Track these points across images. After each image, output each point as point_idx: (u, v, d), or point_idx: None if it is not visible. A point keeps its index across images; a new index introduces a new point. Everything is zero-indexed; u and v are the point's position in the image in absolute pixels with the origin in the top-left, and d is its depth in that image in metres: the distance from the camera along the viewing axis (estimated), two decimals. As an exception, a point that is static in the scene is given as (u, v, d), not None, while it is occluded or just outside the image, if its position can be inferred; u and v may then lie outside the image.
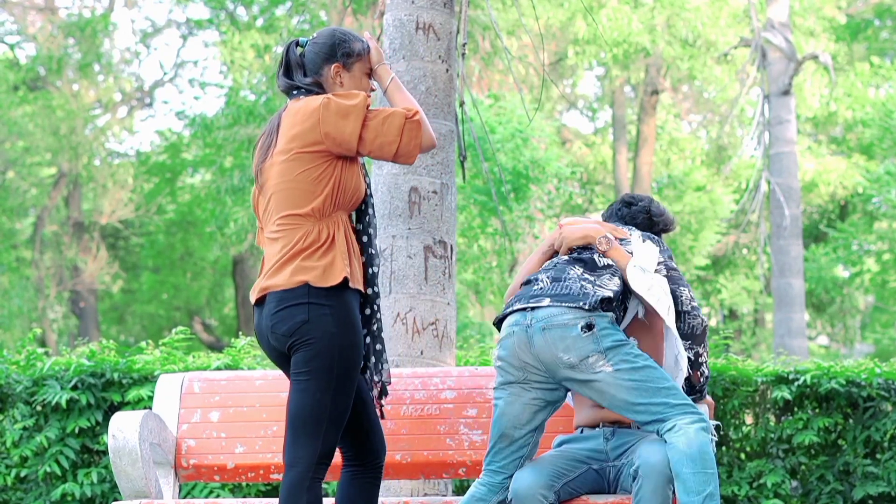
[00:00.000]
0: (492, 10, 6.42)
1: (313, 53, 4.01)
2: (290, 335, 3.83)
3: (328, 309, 3.81)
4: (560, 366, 4.09)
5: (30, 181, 23.42)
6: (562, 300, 4.14)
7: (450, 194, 5.51)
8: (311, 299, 3.80)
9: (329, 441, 3.83)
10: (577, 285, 4.18)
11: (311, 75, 4.00)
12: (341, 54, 3.99)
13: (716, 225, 23.08)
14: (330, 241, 3.87)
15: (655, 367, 4.08)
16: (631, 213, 4.60)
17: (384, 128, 3.87)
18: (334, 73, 3.99)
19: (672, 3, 18.76)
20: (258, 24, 21.99)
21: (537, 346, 4.11)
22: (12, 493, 6.59)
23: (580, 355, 4.07)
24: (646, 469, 4.04)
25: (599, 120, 26.71)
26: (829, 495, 6.51)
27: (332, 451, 3.86)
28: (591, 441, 4.39)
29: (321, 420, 3.80)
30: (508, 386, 4.18)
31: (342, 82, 3.99)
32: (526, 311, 4.16)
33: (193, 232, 24.64)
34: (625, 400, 4.05)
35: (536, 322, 4.12)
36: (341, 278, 3.82)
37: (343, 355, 3.81)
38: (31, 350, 6.73)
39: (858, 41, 23.93)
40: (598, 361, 4.05)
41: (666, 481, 4.02)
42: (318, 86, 3.99)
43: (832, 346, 25.93)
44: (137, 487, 4.46)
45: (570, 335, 4.07)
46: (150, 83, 26.33)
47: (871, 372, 6.58)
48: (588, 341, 4.06)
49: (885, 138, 20.18)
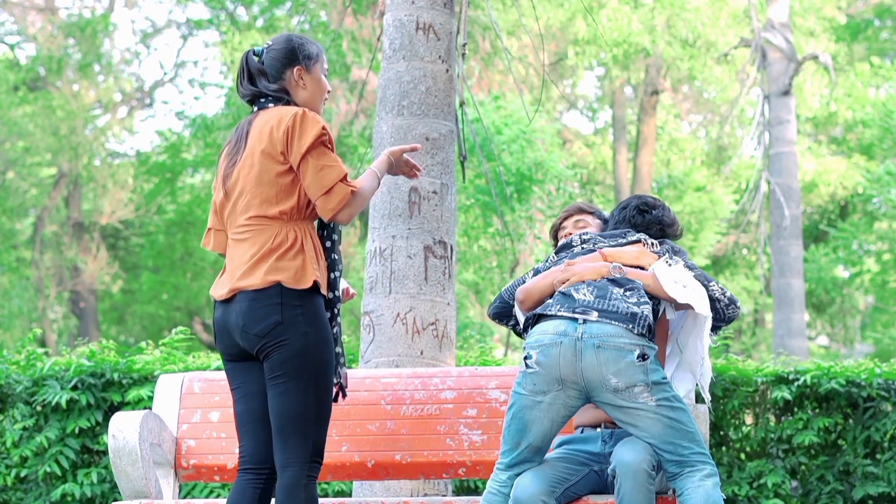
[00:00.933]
0: (492, 11, 6.42)
1: (273, 59, 4.07)
2: (263, 336, 3.86)
3: (300, 309, 3.86)
4: (604, 387, 4.03)
5: (30, 181, 23.43)
6: (612, 317, 4.07)
7: (450, 194, 5.51)
8: (283, 300, 3.85)
9: (320, 438, 3.88)
10: (624, 304, 4.11)
11: (274, 81, 4.07)
12: (302, 57, 4.06)
13: (716, 225, 23.08)
14: (300, 244, 3.93)
15: (688, 411, 4.09)
16: (645, 222, 4.53)
17: (320, 173, 3.92)
18: (297, 76, 4.05)
19: (672, 4, 18.76)
20: (258, 25, 22.00)
21: (586, 362, 4.02)
22: (12, 493, 6.59)
23: (628, 383, 4.01)
24: (623, 468, 4.05)
25: (599, 120, 26.73)
26: (829, 495, 6.51)
27: (322, 448, 3.90)
28: (590, 443, 4.38)
29: (307, 419, 3.84)
30: (540, 395, 4.07)
31: (305, 84, 4.06)
32: (575, 322, 4.07)
33: (193, 232, 24.64)
34: (658, 435, 4.04)
35: (589, 337, 4.03)
36: (312, 282, 3.88)
37: (318, 353, 3.86)
38: (31, 350, 6.73)
39: (858, 41, 23.93)
40: (643, 392, 4.02)
41: (645, 477, 4.03)
42: (284, 91, 4.06)
43: (832, 346, 25.93)
44: (137, 487, 4.46)
45: (624, 360, 4.01)
46: (150, 83, 26.35)
47: (870, 372, 6.58)
48: (639, 371, 4.01)
49: (885, 138, 20.19)
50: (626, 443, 4.12)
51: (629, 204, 4.59)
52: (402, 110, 5.50)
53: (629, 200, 4.62)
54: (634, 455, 4.05)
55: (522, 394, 4.09)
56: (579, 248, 4.45)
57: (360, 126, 17.44)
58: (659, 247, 4.41)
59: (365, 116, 17.35)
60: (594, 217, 4.81)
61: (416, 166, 4.21)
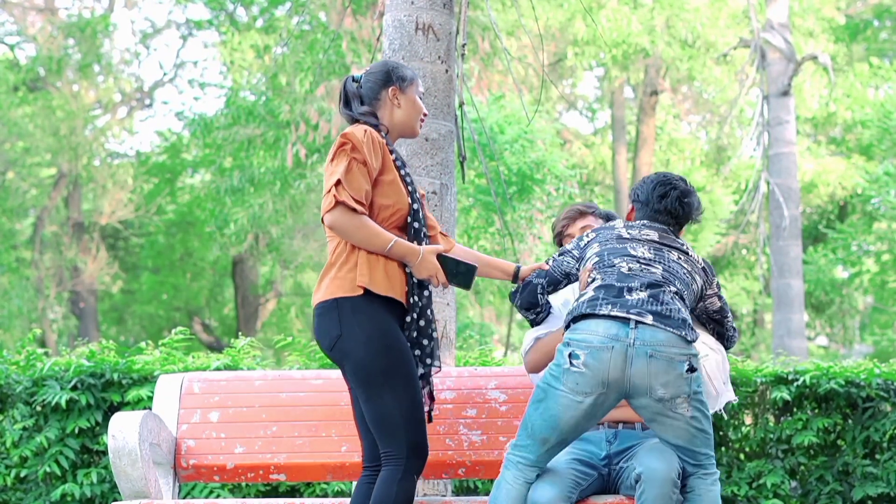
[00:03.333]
0: (491, 11, 6.42)
1: (370, 82, 4.30)
2: (330, 350, 4.08)
3: (355, 320, 4.02)
4: (648, 395, 3.97)
5: (30, 182, 23.43)
6: (666, 323, 3.98)
7: (449, 195, 5.52)
8: (340, 313, 4.03)
9: (412, 436, 4.00)
10: (676, 307, 4.05)
11: (367, 103, 4.28)
12: (396, 78, 4.29)
13: (715, 225, 23.08)
14: (355, 255, 4.09)
15: (710, 417, 4.11)
16: (686, 214, 4.40)
17: (329, 178, 4.09)
18: (392, 96, 4.28)
19: (671, 4, 18.76)
20: (258, 25, 22.00)
21: (636, 369, 3.94)
22: (12, 494, 6.60)
23: (674, 394, 3.97)
24: (649, 474, 4.01)
25: (599, 120, 26.73)
26: (828, 496, 6.51)
27: (421, 444, 4.03)
28: (593, 443, 4.36)
29: (392, 421, 4.00)
30: (581, 395, 3.97)
31: (399, 104, 4.28)
32: (628, 325, 3.96)
33: (193, 232, 24.65)
34: (685, 441, 4.06)
35: (642, 345, 3.94)
36: (361, 289, 4.03)
37: (384, 358, 4.00)
38: (30, 350, 6.73)
39: (857, 42, 23.94)
40: (683, 403, 3.99)
41: (671, 486, 4.02)
42: (373, 115, 4.26)
43: (831, 346, 25.93)
44: (137, 488, 4.46)
45: (674, 372, 3.96)
46: (150, 84, 26.35)
47: (870, 372, 6.58)
48: (685, 383, 3.98)
49: (884, 139, 20.18)
50: (652, 449, 4.11)
51: (668, 193, 4.37)
52: (401, 111, 5.51)
53: (666, 188, 4.38)
54: (662, 464, 4.03)
55: (561, 391, 3.98)
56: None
57: (360, 126, 17.40)
58: (710, 277, 4.35)
59: (365, 117, 17.31)
60: (595, 217, 4.79)
61: (444, 282, 4.19)
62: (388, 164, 4.18)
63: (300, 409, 4.82)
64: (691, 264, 4.27)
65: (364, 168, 4.08)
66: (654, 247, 4.24)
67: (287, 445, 4.75)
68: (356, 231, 4.04)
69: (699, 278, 4.28)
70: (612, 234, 4.28)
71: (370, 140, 4.12)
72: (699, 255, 4.37)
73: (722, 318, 4.41)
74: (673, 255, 4.24)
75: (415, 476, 4.02)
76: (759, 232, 16.48)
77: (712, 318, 4.41)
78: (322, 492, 6.45)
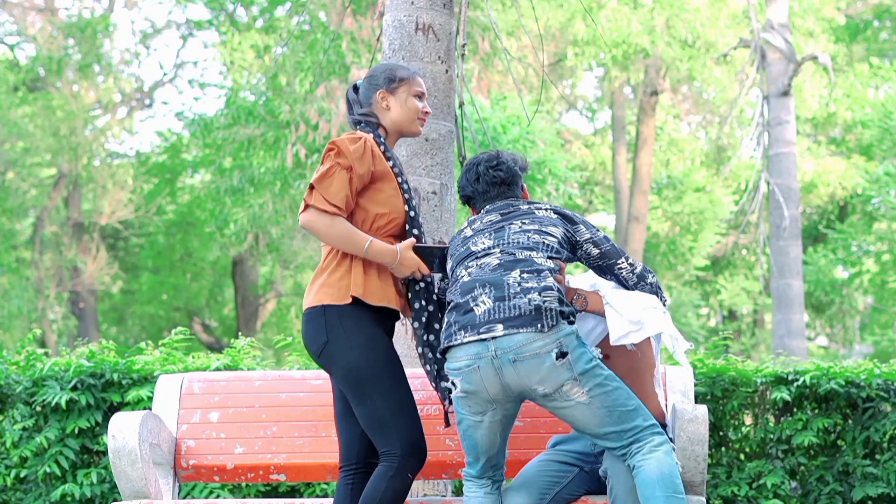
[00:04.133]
0: (491, 11, 6.42)
1: (364, 88, 4.38)
2: (318, 356, 4.13)
3: (342, 326, 4.06)
4: (533, 395, 3.96)
5: (30, 182, 23.43)
6: (518, 324, 3.92)
7: (449, 195, 5.52)
8: (327, 319, 4.07)
9: (405, 433, 4.04)
10: (524, 300, 3.95)
11: (364, 107, 4.35)
12: (384, 79, 4.33)
13: (715, 226, 23.08)
14: (347, 261, 4.13)
15: (623, 388, 3.96)
16: (507, 177, 4.33)
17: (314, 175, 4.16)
18: (380, 99, 4.33)
19: (671, 4, 18.76)
20: (258, 25, 22.01)
21: (508, 378, 3.93)
22: (12, 494, 6.60)
23: (555, 385, 3.90)
24: (614, 470, 4.05)
25: (599, 121, 26.74)
26: (828, 496, 6.51)
27: (416, 441, 4.06)
28: (580, 443, 4.38)
29: (383, 421, 4.04)
30: (478, 415, 4.03)
31: (388, 106, 4.33)
32: (486, 342, 3.93)
33: (193, 232, 24.65)
34: (598, 425, 3.95)
35: (503, 353, 3.91)
36: (350, 298, 4.07)
37: (365, 364, 4.04)
38: (30, 351, 6.73)
39: (858, 42, 23.94)
40: (572, 389, 3.90)
41: None
42: (370, 115, 4.33)
43: (831, 346, 25.94)
44: (137, 488, 4.46)
45: (543, 365, 3.89)
46: (150, 84, 26.37)
47: (870, 373, 6.58)
48: (563, 370, 3.89)
49: (884, 139, 20.18)
50: None
51: (477, 172, 4.36)
52: (401, 111, 5.51)
53: (473, 169, 4.38)
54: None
55: (463, 414, 4.06)
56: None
57: (360, 126, 17.41)
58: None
59: (365, 117, 17.32)
60: None
61: (428, 272, 4.22)
62: (384, 172, 4.21)
63: (300, 409, 4.82)
64: (538, 222, 4.18)
65: (347, 173, 4.11)
66: (496, 228, 4.20)
67: (287, 445, 4.75)
68: (328, 230, 4.08)
69: (557, 229, 4.18)
70: (459, 239, 4.29)
71: (362, 148, 4.16)
72: (560, 204, 4.31)
73: (608, 264, 4.26)
74: (515, 225, 4.18)
75: (409, 475, 4.04)
76: (759, 232, 16.48)
77: (598, 266, 4.28)
78: (322, 492, 6.45)
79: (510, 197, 4.33)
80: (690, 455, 4.25)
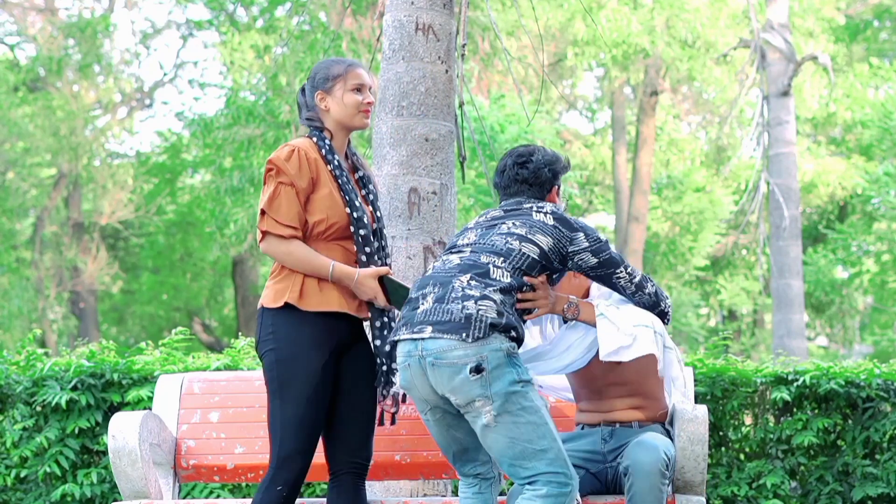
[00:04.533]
0: (491, 11, 6.42)
1: (308, 89, 4.34)
2: (256, 350, 4.20)
3: (272, 328, 4.10)
4: (451, 402, 3.91)
5: (30, 182, 23.42)
6: (443, 329, 3.84)
7: (449, 195, 5.52)
8: (263, 320, 4.14)
9: (285, 447, 4.05)
10: (459, 306, 3.87)
11: (310, 109, 4.32)
12: (320, 80, 4.29)
13: (715, 226, 23.08)
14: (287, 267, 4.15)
15: (540, 425, 3.81)
16: (532, 174, 4.25)
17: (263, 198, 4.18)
18: (319, 100, 4.29)
19: (671, 4, 18.76)
20: (258, 25, 22.00)
21: (432, 381, 3.88)
22: (12, 494, 6.60)
23: (466, 399, 3.81)
24: (637, 467, 4.03)
25: (599, 121, 26.73)
26: (828, 496, 6.51)
27: (292, 457, 4.05)
28: (588, 441, 4.37)
29: (275, 425, 4.08)
30: (425, 413, 4.00)
31: (327, 106, 4.28)
32: (416, 341, 3.89)
33: (193, 232, 24.65)
34: (496, 453, 3.86)
35: (427, 355, 3.86)
36: (282, 302, 4.09)
37: (281, 368, 4.06)
38: (30, 351, 6.73)
39: (857, 42, 23.94)
40: (483, 407, 3.79)
41: (659, 478, 4.01)
42: (313, 119, 4.30)
43: (831, 346, 25.94)
44: (137, 488, 4.46)
45: (457, 376, 3.81)
46: (150, 84, 26.36)
47: (870, 373, 6.58)
48: (475, 385, 3.79)
49: (884, 139, 20.19)
50: (640, 443, 4.11)
51: (504, 165, 4.30)
52: (401, 111, 5.51)
53: (502, 162, 4.32)
54: (649, 456, 4.03)
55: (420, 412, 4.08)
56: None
57: (360, 127, 17.42)
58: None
59: (365, 117, 17.33)
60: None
61: (385, 304, 4.18)
62: (320, 180, 4.17)
63: (300, 409, 4.81)
64: (528, 226, 4.08)
65: (291, 189, 4.11)
66: (489, 225, 4.15)
67: (287, 445, 4.74)
68: (287, 258, 4.11)
69: (546, 238, 4.07)
70: (463, 228, 4.28)
71: (297, 159, 4.14)
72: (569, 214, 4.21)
73: (606, 273, 4.17)
74: (506, 224, 4.11)
75: (279, 489, 4.03)
76: (759, 232, 16.48)
77: (593, 275, 4.18)
78: (322, 492, 6.45)
79: (530, 196, 4.24)
80: (690, 455, 4.24)
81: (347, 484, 4.16)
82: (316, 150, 4.21)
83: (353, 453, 4.17)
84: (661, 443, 4.11)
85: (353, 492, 4.17)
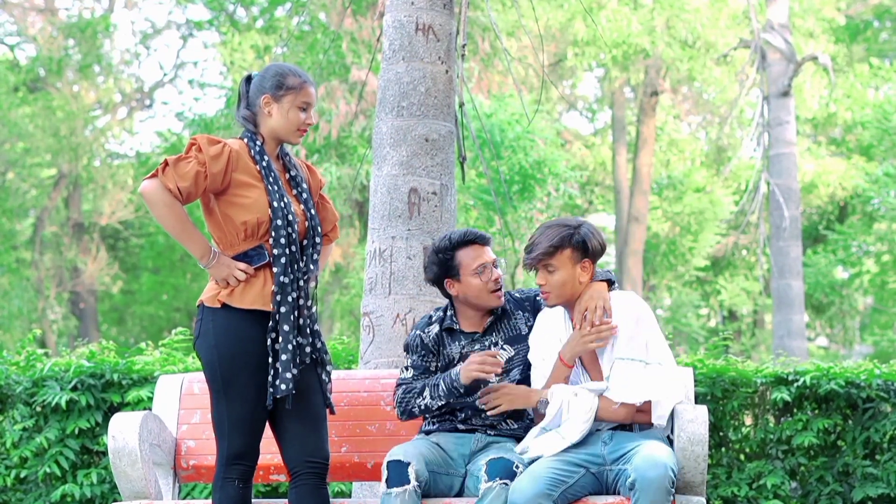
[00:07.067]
0: (491, 12, 6.43)
1: (254, 86, 4.24)
2: (194, 346, 4.21)
3: (211, 325, 4.11)
4: None
5: (30, 182, 23.43)
6: None
7: (449, 195, 5.52)
8: (202, 316, 4.15)
9: (235, 444, 4.09)
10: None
11: (250, 108, 4.24)
12: (272, 84, 4.19)
13: (715, 226, 23.08)
14: None
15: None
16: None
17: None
18: (264, 104, 4.19)
19: (671, 5, 18.77)
20: (258, 25, 22.01)
21: None
22: (12, 494, 6.60)
23: None
24: (643, 483, 4.03)
25: (599, 121, 26.73)
26: (828, 496, 6.51)
27: (241, 454, 4.10)
28: (590, 444, 4.37)
29: (222, 424, 4.10)
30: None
31: (270, 112, 4.19)
32: None
33: (193, 233, 24.62)
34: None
35: None
36: (220, 303, 4.11)
37: (223, 366, 4.08)
38: (30, 351, 6.74)
39: (858, 42, 23.95)
40: None
41: (665, 494, 4.02)
42: (250, 120, 4.23)
43: (831, 347, 25.94)
44: (137, 488, 4.46)
45: None
46: (150, 84, 26.36)
47: (870, 373, 6.58)
48: None
49: (884, 139, 20.20)
50: (647, 456, 4.10)
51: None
52: (401, 111, 5.51)
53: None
54: (656, 472, 4.03)
55: None
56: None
57: (360, 127, 17.44)
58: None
59: (364, 117, 17.36)
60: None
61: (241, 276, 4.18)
62: (248, 180, 4.14)
63: (300, 409, 4.80)
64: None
65: (201, 169, 4.07)
66: None
67: (287, 446, 4.74)
68: (165, 209, 4.05)
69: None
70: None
71: (219, 153, 4.09)
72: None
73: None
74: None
75: (236, 482, 4.08)
76: (760, 232, 16.48)
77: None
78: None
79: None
80: (690, 455, 4.24)
81: (309, 486, 4.14)
82: (246, 150, 4.17)
83: (310, 453, 4.15)
84: (667, 458, 4.11)
85: (315, 493, 4.14)
